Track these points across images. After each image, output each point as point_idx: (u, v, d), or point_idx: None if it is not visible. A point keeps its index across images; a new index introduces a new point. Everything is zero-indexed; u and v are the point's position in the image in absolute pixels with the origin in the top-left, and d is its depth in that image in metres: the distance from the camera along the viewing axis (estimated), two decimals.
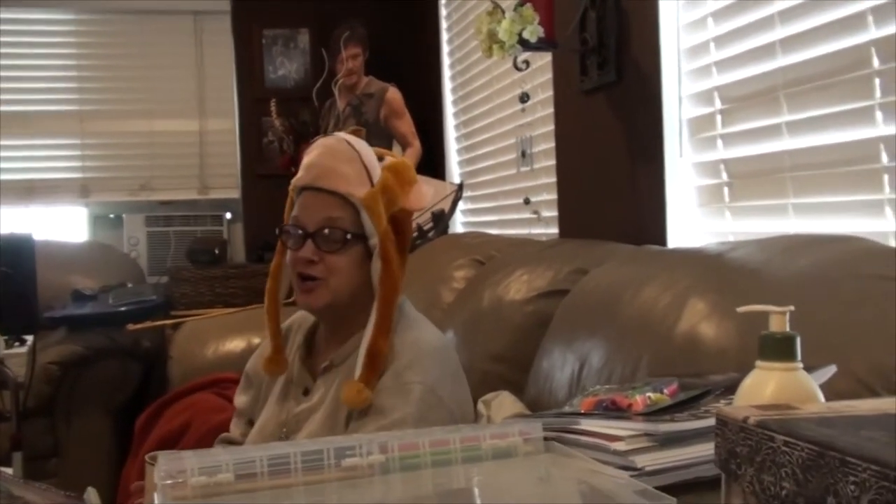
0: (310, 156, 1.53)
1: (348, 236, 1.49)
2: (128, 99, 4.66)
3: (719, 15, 1.95)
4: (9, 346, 2.98)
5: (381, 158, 1.55)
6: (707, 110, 2.02)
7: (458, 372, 1.59)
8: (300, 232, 1.51)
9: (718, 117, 1.98)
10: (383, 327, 1.48)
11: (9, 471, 1.85)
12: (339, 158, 1.50)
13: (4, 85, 4.51)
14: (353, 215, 1.49)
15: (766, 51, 1.79)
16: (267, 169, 4.57)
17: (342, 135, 1.54)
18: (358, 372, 1.47)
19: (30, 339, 2.89)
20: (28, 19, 4.57)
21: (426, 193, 1.55)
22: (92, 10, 4.61)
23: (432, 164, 4.14)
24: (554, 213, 2.78)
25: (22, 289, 2.47)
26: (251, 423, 1.72)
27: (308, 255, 1.50)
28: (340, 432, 1.47)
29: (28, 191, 4.53)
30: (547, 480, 0.96)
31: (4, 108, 4.51)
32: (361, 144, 1.53)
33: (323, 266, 1.50)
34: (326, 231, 1.49)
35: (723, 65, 1.95)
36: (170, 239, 4.54)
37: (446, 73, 4.20)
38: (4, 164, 4.51)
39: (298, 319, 1.71)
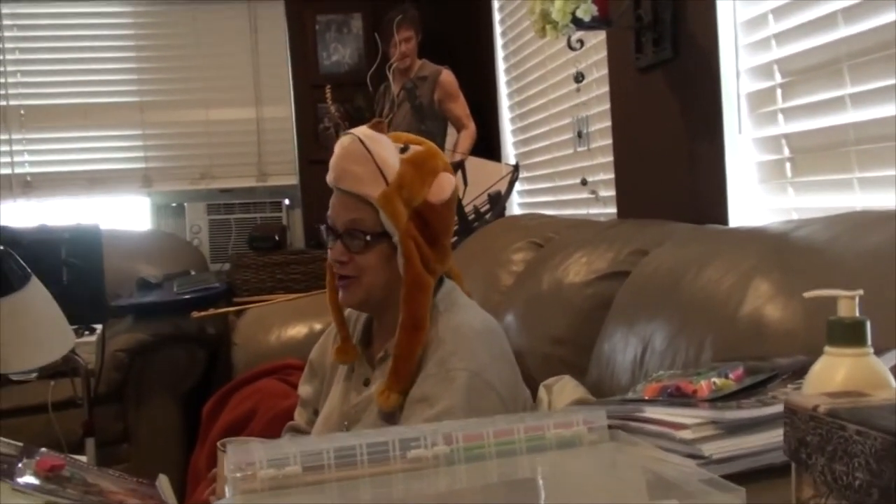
0: (333, 156, 1.55)
1: (368, 238, 1.50)
2: (186, 88, 4.72)
3: None
4: (79, 335, 3.06)
5: (406, 147, 1.54)
6: (767, 84, 1.98)
7: (505, 354, 1.59)
8: (331, 232, 1.54)
9: (779, 91, 1.94)
10: (409, 325, 1.50)
11: (83, 458, 1.90)
12: (352, 159, 1.50)
13: (67, 78, 4.61)
14: (374, 214, 1.50)
15: (828, 21, 1.74)
16: (323, 155, 4.55)
17: (359, 132, 1.52)
18: (384, 378, 1.50)
19: (99, 327, 2.97)
20: (87, 13, 4.65)
21: (446, 186, 1.54)
22: (149, 2, 4.67)
23: (488, 145, 4.12)
24: (611, 192, 2.75)
25: (90, 279, 2.53)
26: (316, 412, 1.74)
27: (338, 256, 1.54)
28: (397, 422, 1.49)
29: (92, 182, 4.62)
30: (611, 469, 0.96)
31: (67, 100, 4.61)
32: (376, 142, 1.51)
33: (353, 265, 1.53)
34: (350, 233, 1.51)
35: (782, 37, 1.91)
36: (231, 226, 4.60)
37: (499, 53, 4.18)
38: (69, 156, 4.61)
39: (355, 314, 1.73)
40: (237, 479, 0.88)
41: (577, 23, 2.09)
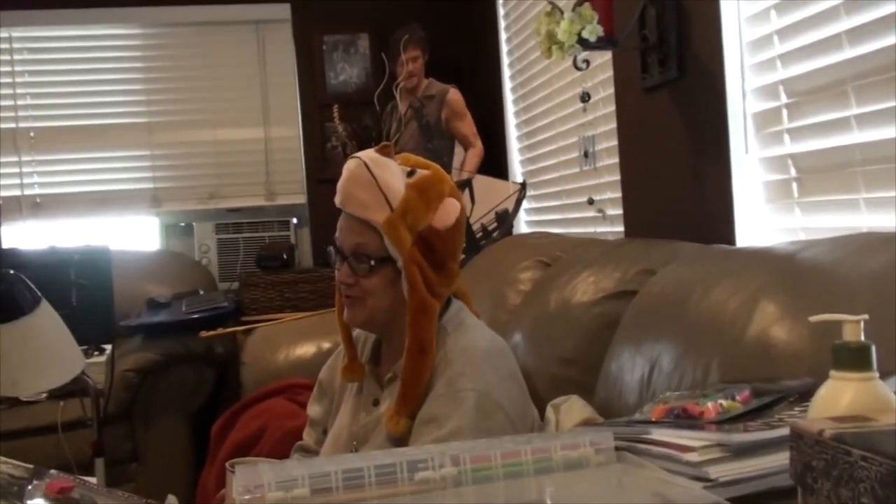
0: (340, 178, 1.56)
1: (372, 262, 1.51)
2: (194, 109, 4.75)
3: (782, 7, 1.92)
4: (88, 355, 3.07)
5: (413, 172, 1.55)
6: (773, 104, 1.98)
7: (513, 374, 1.59)
8: (339, 254, 1.55)
9: (784, 111, 1.95)
10: (415, 350, 1.50)
11: (92, 479, 1.90)
12: (357, 184, 1.51)
13: (76, 100, 4.65)
14: (379, 238, 1.51)
15: (833, 42, 1.75)
16: (331, 174, 4.55)
17: (365, 156, 1.53)
18: (393, 402, 1.51)
19: (108, 347, 2.98)
20: (96, 35, 4.69)
21: (451, 212, 1.54)
22: (157, 24, 4.71)
23: (495, 163, 4.14)
24: (619, 211, 2.76)
25: (100, 300, 2.55)
26: (325, 432, 1.75)
27: (344, 278, 1.55)
28: (406, 443, 1.49)
29: (101, 202, 4.65)
30: (619, 492, 0.96)
31: (76, 122, 4.64)
32: (382, 167, 1.51)
33: (359, 287, 1.54)
34: (356, 256, 1.52)
35: (787, 58, 1.92)
36: (239, 245, 4.62)
37: (506, 73, 4.20)
38: (78, 177, 4.64)
39: (364, 333, 1.74)
40: (245, 501, 0.89)
41: (583, 43, 2.10)
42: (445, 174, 1.60)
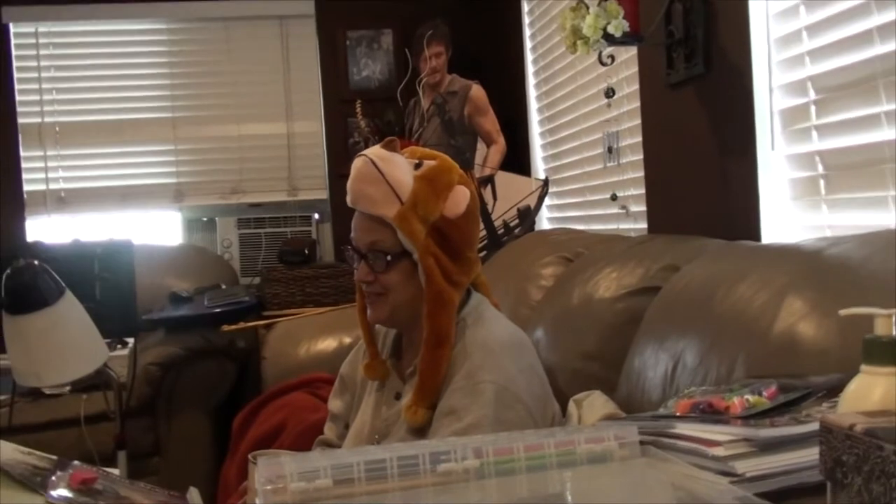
0: (349, 178, 1.56)
1: (388, 258, 1.51)
2: (218, 104, 4.78)
3: (811, 2, 1.89)
4: (111, 348, 3.09)
5: (420, 164, 1.55)
6: (800, 101, 1.96)
7: (533, 368, 1.58)
8: (355, 253, 1.55)
9: (812, 108, 1.93)
10: (432, 342, 1.50)
11: (115, 471, 1.91)
12: (365, 181, 1.51)
13: (101, 95, 4.67)
14: (393, 233, 1.51)
15: (863, 38, 1.73)
16: None
17: (371, 153, 1.53)
18: (411, 394, 1.51)
19: (131, 341, 2.99)
20: (121, 30, 4.72)
21: (461, 200, 1.54)
22: (182, 19, 4.73)
23: (517, 160, 4.13)
24: (642, 208, 2.74)
25: (122, 293, 2.55)
26: (347, 426, 1.75)
27: (363, 276, 1.55)
28: (426, 436, 1.49)
29: (124, 197, 4.68)
30: (643, 486, 0.95)
31: (101, 117, 4.67)
32: (389, 162, 1.51)
33: (378, 283, 1.55)
34: (372, 253, 1.52)
35: (816, 54, 1.89)
36: (261, 240, 4.63)
37: (530, 68, 4.18)
38: (102, 172, 4.67)
39: (385, 329, 1.74)
40: (268, 491, 0.88)
41: (609, 38, 2.09)
42: (453, 163, 1.60)
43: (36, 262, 1.47)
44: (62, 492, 1.52)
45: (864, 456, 0.69)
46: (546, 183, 3.50)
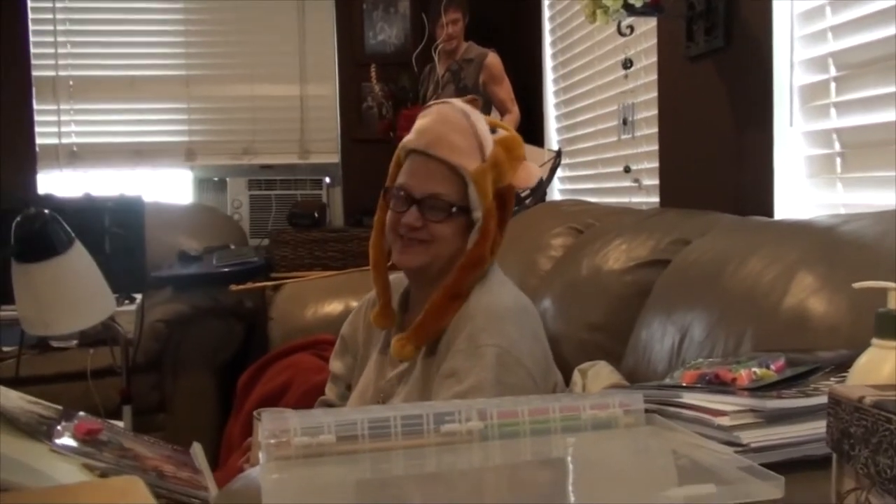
0: (423, 120, 1.53)
1: (454, 209, 1.50)
2: (232, 63, 4.75)
3: None
4: (119, 303, 3.10)
5: (493, 130, 1.54)
6: (821, 77, 1.94)
7: (536, 334, 1.58)
8: (406, 196, 1.52)
9: (833, 85, 1.90)
10: (451, 290, 1.51)
11: (119, 423, 1.92)
12: (454, 128, 1.49)
13: (115, 50, 4.65)
14: (459, 186, 1.49)
15: (888, 15, 1.70)
16: (366, 134, 4.62)
17: (458, 103, 1.53)
18: (409, 328, 1.51)
19: (138, 297, 3.00)
20: None
21: (535, 173, 1.54)
22: None
23: (531, 130, 4.10)
24: (655, 181, 2.73)
25: (132, 249, 2.56)
26: (348, 387, 1.75)
27: (412, 221, 1.52)
28: (432, 396, 1.49)
29: (136, 154, 4.67)
30: (646, 453, 0.95)
31: (115, 72, 4.65)
32: (477, 116, 1.52)
33: (426, 232, 1.52)
34: (433, 201, 1.50)
35: (839, 30, 1.87)
36: (271, 202, 4.63)
37: (547, 38, 4.15)
38: (114, 128, 4.66)
39: (393, 285, 1.73)
40: (271, 445, 0.89)
41: (629, 8, 2.07)
42: (521, 138, 1.61)
43: (46, 212, 1.46)
44: (66, 441, 1.53)
45: (872, 428, 0.68)
46: (559, 154, 3.48)
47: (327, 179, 4.75)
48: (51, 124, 4.57)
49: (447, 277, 1.52)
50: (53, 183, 4.53)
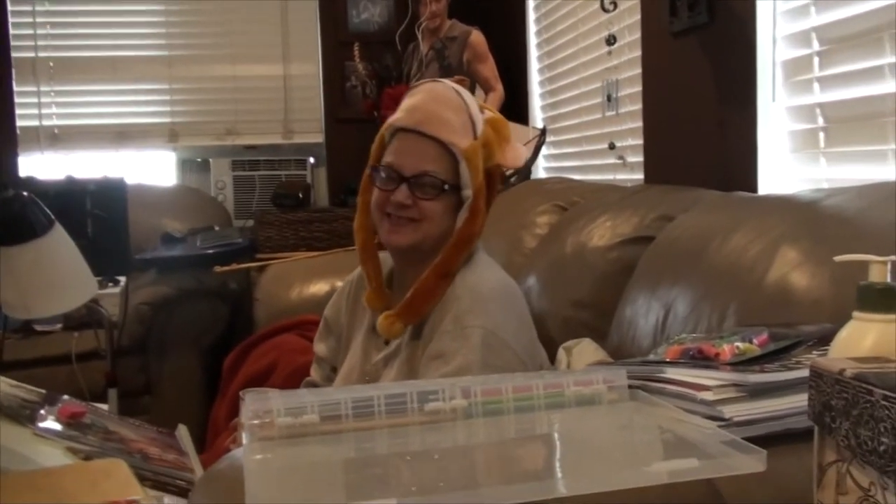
0: (413, 98, 1.52)
1: (445, 186, 1.49)
2: (214, 44, 4.70)
3: None
4: (102, 286, 3.08)
5: (480, 111, 1.54)
6: (804, 52, 1.94)
7: (521, 315, 1.58)
8: (395, 175, 1.51)
9: (816, 59, 1.90)
10: (441, 269, 1.50)
11: (104, 407, 1.92)
12: (447, 105, 1.49)
13: (96, 31, 4.60)
14: (449, 164, 1.49)
15: None
16: (350, 113, 4.59)
17: (449, 83, 1.53)
18: (397, 306, 1.51)
19: (122, 279, 2.99)
20: None
21: (522, 154, 1.54)
22: None
23: (515, 108, 4.09)
24: (639, 158, 2.72)
25: (115, 231, 2.55)
26: (334, 369, 1.74)
27: (402, 199, 1.51)
28: (416, 378, 1.49)
29: (118, 135, 4.63)
30: (630, 428, 0.95)
31: (96, 53, 4.60)
32: (468, 95, 1.53)
33: (416, 210, 1.51)
34: (425, 178, 1.49)
35: (821, 4, 1.86)
36: (255, 183, 4.61)
37: (531, 15, 4.13)
38: (96, 109, 4.62)
39: None
40: (254, 426, 0.88)
41: None
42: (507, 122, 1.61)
43: (25, 194, 1.45)
44: (50, 424, 1.53)
45: (852, 400, 0.68)
46: (543, 132, 3.47)
47: (311, 160, 4.72)
48: (31, 106, 4.53)
49: (436, 256, 1.52)
50: (35, 166, 4.49)
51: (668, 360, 1.04)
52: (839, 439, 0.71)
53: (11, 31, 4.46)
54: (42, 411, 1.57)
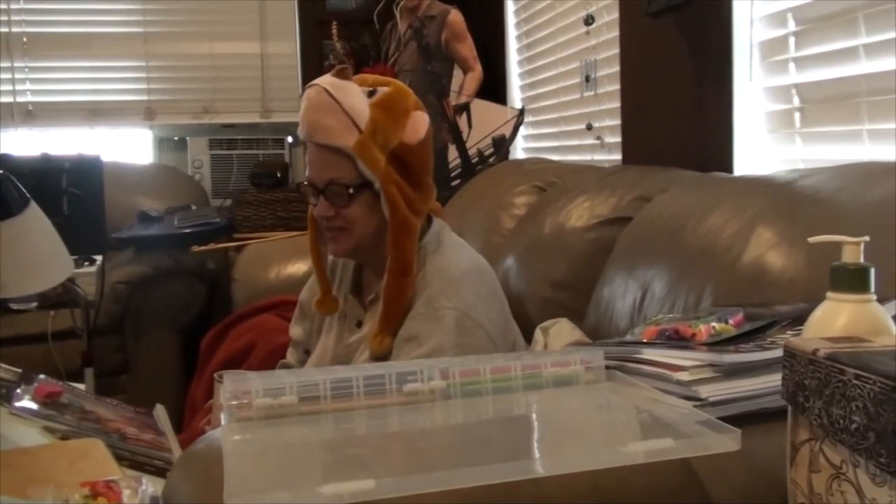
0: (301, 109, 1.52)
1: (350, 190, 1.49)
2: (190, 21, 4.65)
3: None
4: (79, 265, 3.06)
5: (373, 91, 1.51)
6: (780, 32, 1.94)
7: (493, 293, 1.59)
8: (313, 188, 1.53)
9: (791, 39, 1.91)
10: (397, 270, 1.49)
11: (81, 386, 1.91)
12: (321, 111, 1.47)
13: (71, 6, 4.54)
14: (352, 164, 1.48)
15: None
16: None
17: (324, 82, 1.49)
18: (376, 322, 1.50)
19: (99, 258, 2.96)
20: None
21: (421, 121, 1.52)
22: None
23: (493, 88, 4.08)
24: (617, 139, 2.73)
25: (91, 210, 2.52)
26: (307, 352, 1.75)
27: (323, 211, 1.52)
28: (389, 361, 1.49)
29: (94, 113, 4.58)
30: (607, 409, 0.96)
31: (71, 29, 4.54)
32: (343, 90, 1.48)
33: (341, 219, 1.52)
34: (331, 188, 1.50)
35: None
36: (233, 162, 4.58)
37: None
38: (71, 86, 4.56)
39: (345, 261, 1.72)
40: (233, 406, 0.88)
41: None
42: (407, 88, 1.57)
43: (0, 172, 1.43)
44: (27, 404, 1.52)
45: (825, 380, 0.69)
46: (522, 112, 3.47)
47: (289, 139, 4.69)
48: (5, 82, 4.46)
49: (388, 257, 1.51)
50: (9, 142, 4.44)
51: (644, 340, 1.05)
52: (812, 418, 0.72)
53: None
54: (18, 390, 1.56)
